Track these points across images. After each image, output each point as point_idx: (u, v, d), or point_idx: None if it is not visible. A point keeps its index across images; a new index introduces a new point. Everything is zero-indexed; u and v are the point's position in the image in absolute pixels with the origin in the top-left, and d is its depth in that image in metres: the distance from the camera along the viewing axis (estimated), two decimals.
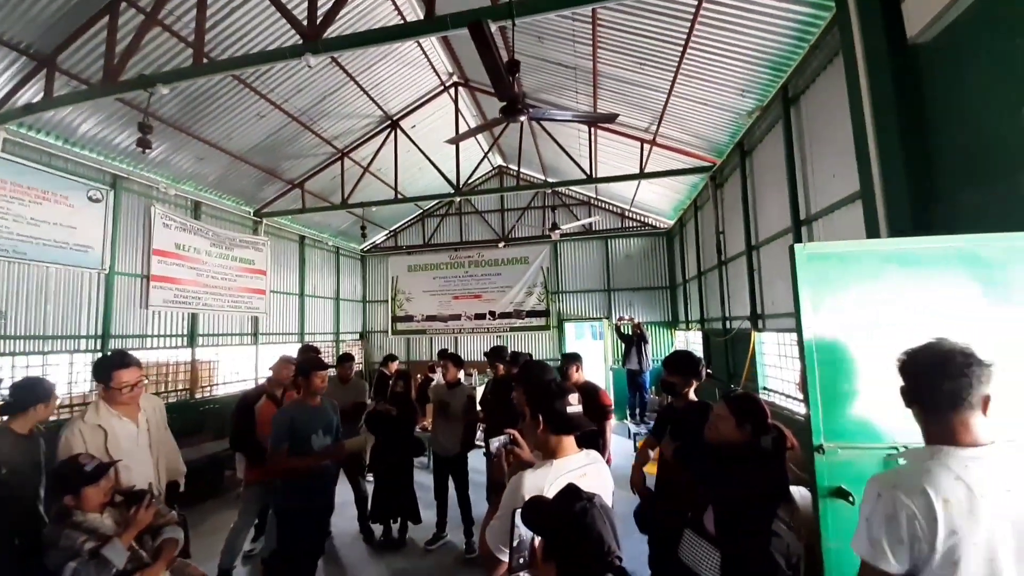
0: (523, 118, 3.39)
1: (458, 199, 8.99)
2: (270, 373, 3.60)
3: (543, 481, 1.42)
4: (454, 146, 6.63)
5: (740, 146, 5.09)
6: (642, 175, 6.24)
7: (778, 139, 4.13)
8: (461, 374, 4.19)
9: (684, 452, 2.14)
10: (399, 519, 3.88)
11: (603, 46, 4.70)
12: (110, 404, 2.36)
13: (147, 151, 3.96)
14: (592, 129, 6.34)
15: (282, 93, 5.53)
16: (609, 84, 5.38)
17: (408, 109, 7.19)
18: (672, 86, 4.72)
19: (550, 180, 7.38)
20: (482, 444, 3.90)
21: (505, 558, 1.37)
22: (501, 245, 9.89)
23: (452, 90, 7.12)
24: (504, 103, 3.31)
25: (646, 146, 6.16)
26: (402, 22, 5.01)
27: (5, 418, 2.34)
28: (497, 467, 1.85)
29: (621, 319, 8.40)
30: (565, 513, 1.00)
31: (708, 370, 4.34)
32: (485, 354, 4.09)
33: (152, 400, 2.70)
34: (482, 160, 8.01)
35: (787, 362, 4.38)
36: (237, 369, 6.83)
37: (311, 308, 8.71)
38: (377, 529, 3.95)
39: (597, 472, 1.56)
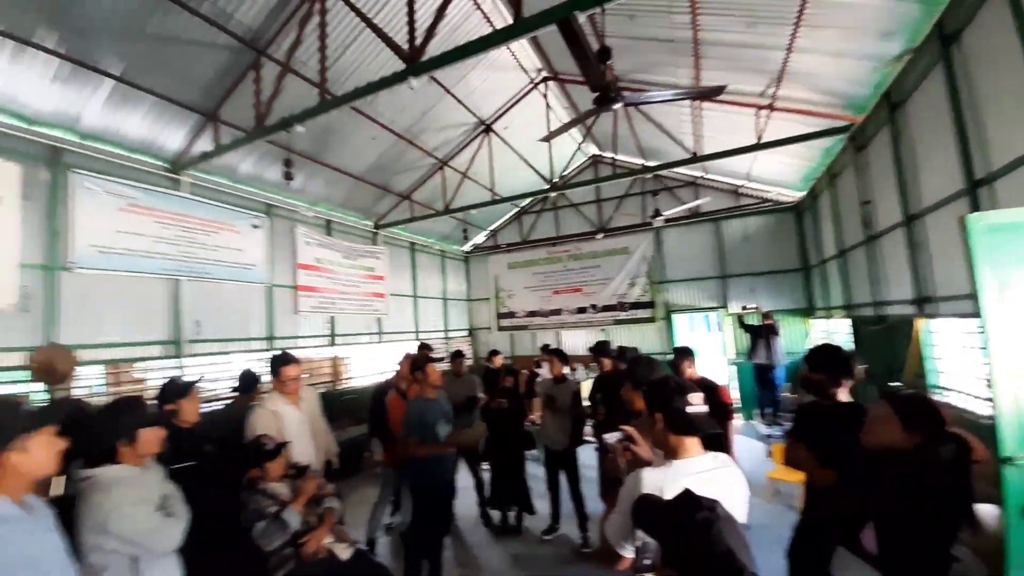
0: (617, 106, 3.30)
1: (552, 194, 9.07)
2: (397, 368, 4.09)
3: (662, 480, 1.40)
4: (547, 144, 6.73)
5: (887, 98, 4.28)
6: (760, 146, 5.60)
7: (937, 85, 3.40)
8: (566, 369, 4.27)
9: (834, 458, 1.92)
10: (515, 508, 4.12)
11: (704, 11, 4.33)
12: (281, 394, 2.92)
13: (290, 181, 4.76)
14: (695, 103, 5.88)
15: (389, 115, 6.16)
16: (713, 52, 4.93)
17: (499, 112, 7.44)
18: (792, 41, 4.16)
19: (649, 164, 7.00)
20: (592, 440, 3.96)
21: (626, 553, 1.40)
22: (599, 237, 9.71)
23: (542, 85, 7.19)
24: (596, 93, 3.27)
25: (762, 113, 5.51)
26: (491, 30, 5.22)
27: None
28: (612, 463, 1.88)
29: (745, 308, 7.62)
30: (685, 522, 0.97)
31: (863, 366, 3.74)
32: (590, 349, 4.08)
33: (309, 391, 3.26)
34: (575, 152, 7.95)
35: (967, 355, 3.58)
36: (367, 364, 7.83)
37: (423, 308, 9.56)
38: (495, 515, 4.24)
39: (727, 478, 1.47)
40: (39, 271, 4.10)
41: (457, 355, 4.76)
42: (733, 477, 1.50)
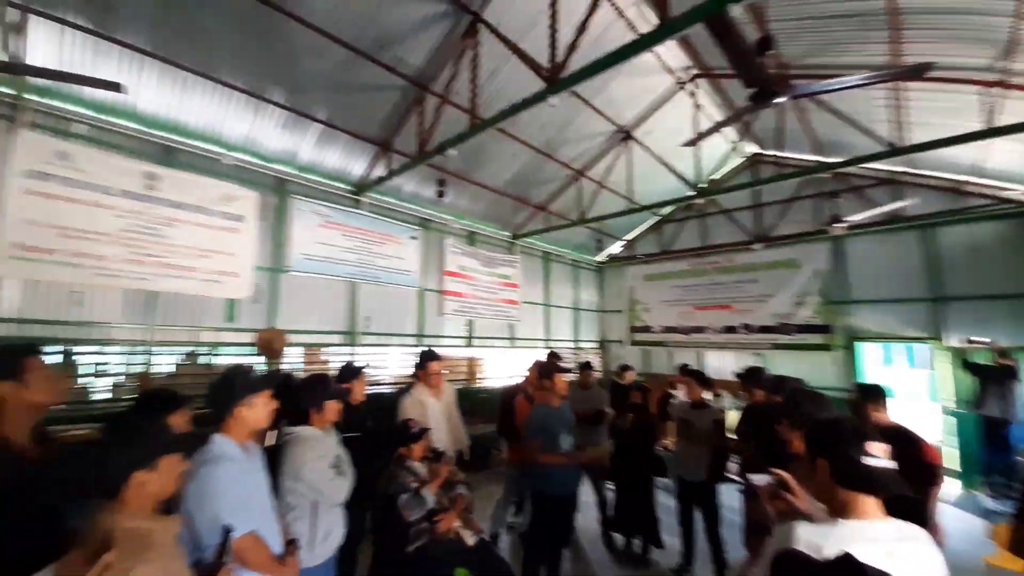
0: (781, 100, 2.93)
1: (698, 201, 8.38)
2: (527, 373, 4.29)
3: (821, 540, 1.19)
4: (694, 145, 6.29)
5: None
6: (991, 132, 4.31)
7: None
8: (707, 394, 3.91)
9: None
10: (640, 536, 3.91)
11: None
12: (426, 386, 3.34)
13: (441, 198, 5.42)
14: (894, 84, 4.84)
15: (529, 132, 6.54)
16: (917, 21, 4.01)
17: (641, 117, 7.24)
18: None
19: (827, 161, 5.97)
20: (735, 478, 3.54)
21: None
22: (757, 247, 8.60)
23: (690, 84, 6.77)
24: (754, 89, 2.96)
25: (993, 91, 4.25)
26: (635, 36, 5.15)
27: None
28: (758, 508, 1.68)
29: (972, 342, 5.85)
30: None
31: None
32: (738, 375, 3.64)
33: (449, 386, 3.65)
34: (729, 153, 7.24)
35: None
36: (499, 367, 8.36)
37: (554, 317, 9.78)
38: (618, 539, 4.09)
39: (914, 555, 1.18)
40: (267, 273, 5.47)
41: (585, 367, 4.76)
42: (924, 556, 1.20)
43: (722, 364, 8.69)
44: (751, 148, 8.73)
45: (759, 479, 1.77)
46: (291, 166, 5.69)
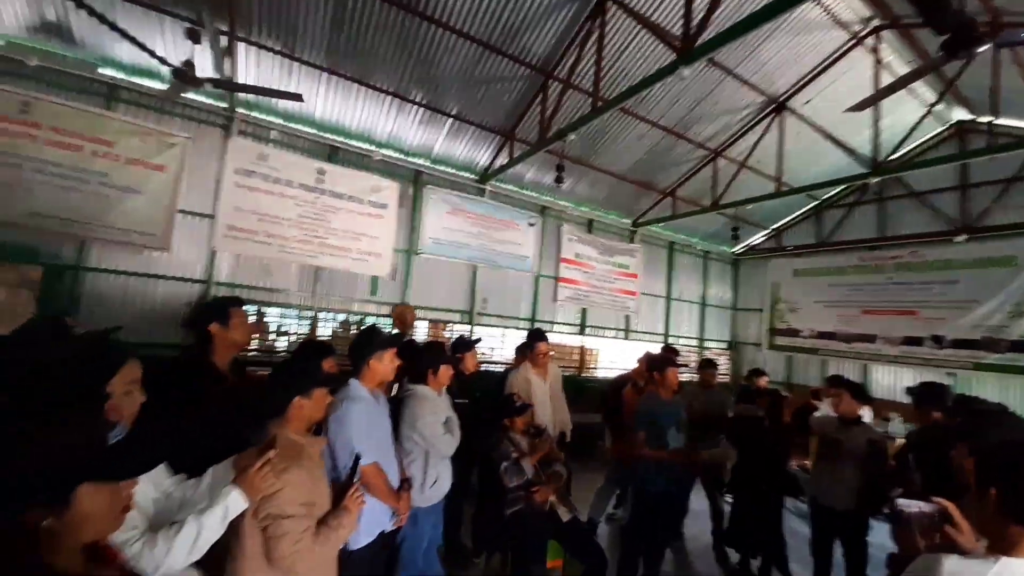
0: (983, 49, 2.32)
1: (875, 180, 6.99)
2: (636, 365, 4.20)
3: None
4: (870, 113, 5.27)
5: None
6: None
7: None
8: (865, 411, 3.35)
9: None
10: (760, 556, 3.56)
11: None
12: (532, 365, 3.52)
13: (560, 185, 5.52)
14: None
15: (659, 110, 6.21)
16: None
17: (799, 84, 6.29)
18: None
19: None
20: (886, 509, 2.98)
21: None
22: (960, 239, 6.87)
23: (871, 39, 5.66)
24: (946, 36, 2.37)
25: None
26: None
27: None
28: (907, 538, 1.46)
29: None
30: None
31: None
32: (910, 390, 2.99)
33: (555, 368, 3.78)
34: (923, 118, 5.88)
35: None
36: (612, 359, 8.23)
37: (676, 311, 9.20)
38: (733, 555, 3.79)
39: None
40: (403, 254, 6.25)
41: (708, 364, 4.43)
42: None
43: (895, 382, 7.22)
44: (957, 114, 6.95)
45: (911, 505, 1.53)
46: (426, 158, 6.37)
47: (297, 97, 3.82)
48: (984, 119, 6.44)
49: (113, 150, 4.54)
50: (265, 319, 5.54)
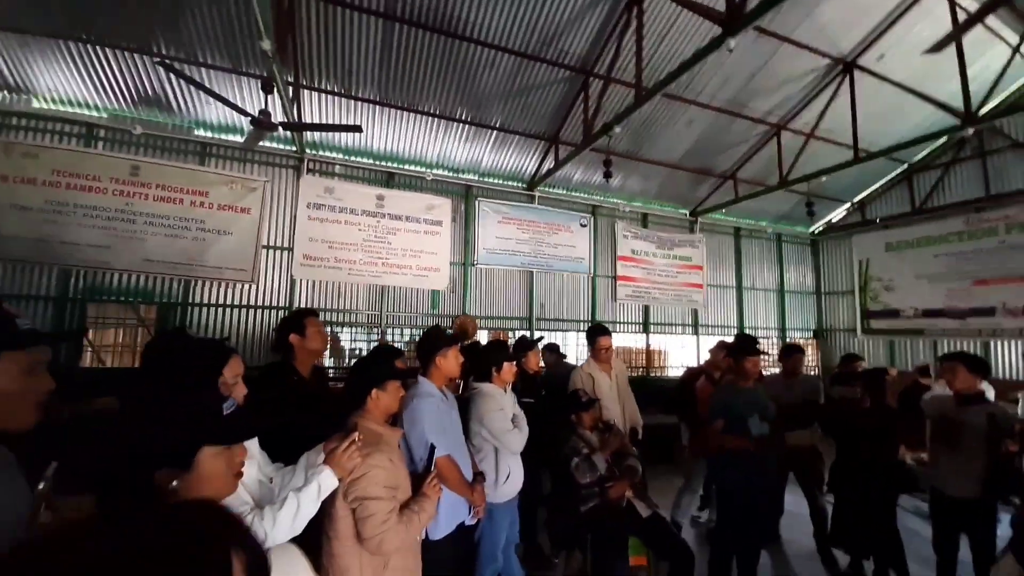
0: None
1: (972, 132, 6.17)
2: (709, 356, 4.01)
3: None
4: (955, 62, 4.72)
5: None
6: None
7: None
8: (985, 386, 2.95)
9: None
10: (874, 559, 3.21)
11: None
12: (595, 361, 3.49)
13: (609, 179, 5.48)
14: None
15: (709, 91, 5.97)
16: None
17: (868, 40, 5.77)
18: None
19: None
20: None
21: None
22: None
23: None
24: None
25: None
26: None
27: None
28: None
29: None
30: None
31: None
32: None
33: (620, 364, 3.72)
34: (1011, 60, 5.16)
35: None
36: (680, 357, 7.88)
37: (750, 301, 8.64)
38: (842, 558, 3.44)
39: None
40: (459, 267, 6.49)
41: (792, 350, 4.09)
42: None
43: (1022, 359, 6.22)
44: None
45: None
46: (475, 173, 6.61)
47: (357, 129, 4.16)
48: None
49: (207, 199, 5.21)
50: (340, 339, 5.97)
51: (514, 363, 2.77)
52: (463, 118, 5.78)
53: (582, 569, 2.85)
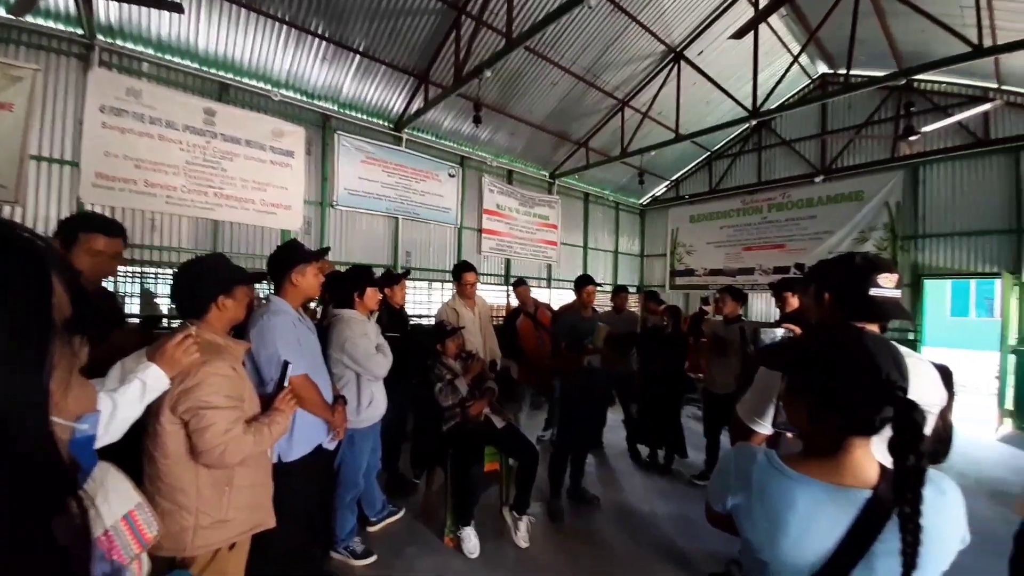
0: None
1: (756, 127, 7.76)
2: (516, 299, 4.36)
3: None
4: (751, 67, 5.80)
5: None
6: None
7: None
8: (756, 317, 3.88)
9: None
10: (665, 447, 4.08)
11: None
12: (460, 297, 3.55)
13: (479, 126, 5.45)
14: None
15: (570, 55, 6.28)
16: None
17: (694, 34, 6.71)
18: None
19: (904, 69, 5.30)
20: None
21: (761, 429, 1.35)
22: (819, 179, 7.98)
23: None
24: None
25: None
26: None
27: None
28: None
29: None
30: (821, 340, 0.89)
31: None
32: (770, 285, 3.58)
33: (483, 301, 3.85)
34: (789, 68, 6.59)
35: None
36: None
37: (592, 260, 9.74)
38: (643, 450, 4.29)
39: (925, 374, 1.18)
40: (315, 206, 5.82)
41: (620, 290, 4.81)
42: (929, 378, 1.21)
43: (769, 308, 8.37)
44: (820, 68, 7.92)
45: (780, 331, 1.91)
46: (334, 102, 5.88)
47: (176, 8, 3.28)
48: (842, 72, 7.40)
49: None
50: (154, 284, 4.90)
51: (378, 290, 2.65)
52: (320, 32, 5.02)
53: (443, 484, 2.99)
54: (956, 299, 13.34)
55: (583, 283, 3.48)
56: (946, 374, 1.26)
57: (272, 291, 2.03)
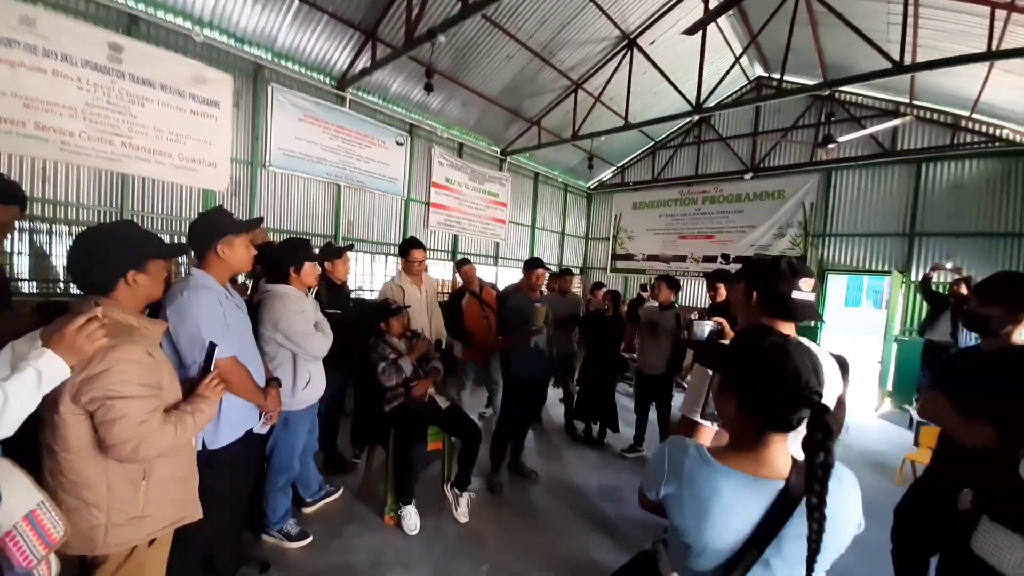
0: None
1: (697, 121, 8.06)
2: (460, 279, 4.32)
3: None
4: (697, 63, 5.97)
5: None
6: (992, 54, 4.19)
7: None
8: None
9: (993, 414, 1.59)
10: (599, 423, 4.31)
11: None
12: (407, 274, 3.43)
13: (430, 94, 5.17)
14: None
15: (528, 29, 6.09)
16: None
17: (648, 22, 6.77)
18: None
19: (828, 80, 5.73)
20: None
21: (699, 418, 1.43)
22: (748, 177, 8.56)
23: None
24: None
25: (999, 12, 4.10)
26: None
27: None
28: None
29: (937, 268, 5.45)
30: (750, 345, 0.95)
31: None
32: (705, 274, 3.84)
33: (431, 280, 3.74)
34: (731, 68, 6.89)
35: None
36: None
37: (540, 240, 9.83)
38: (579, 427, 4.50)
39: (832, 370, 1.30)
40: (244, 165, 5.29)
41: (564, 273, 4.90)
42: (830, 371, 1.35)
43: (700, 293, 8.98)
44: (757, 71, 8.37)
45: (706, 324, 2.04)
46: (268, 50, 5.29)
47: None
48: (776, 76, 7.87)
49: None
50: (46, 243, 4.24)
51: (317, 264, 2.48)
52: None
53: (383, 463, 2.95)
54: (850, 292, 15.18)
55: (533, 265, 3.43)
56: (843, 364, 1.41)
57: (195, 263, 1.81)
